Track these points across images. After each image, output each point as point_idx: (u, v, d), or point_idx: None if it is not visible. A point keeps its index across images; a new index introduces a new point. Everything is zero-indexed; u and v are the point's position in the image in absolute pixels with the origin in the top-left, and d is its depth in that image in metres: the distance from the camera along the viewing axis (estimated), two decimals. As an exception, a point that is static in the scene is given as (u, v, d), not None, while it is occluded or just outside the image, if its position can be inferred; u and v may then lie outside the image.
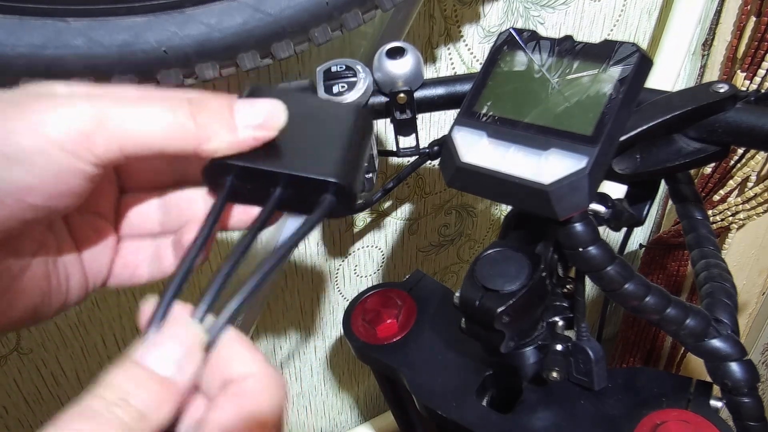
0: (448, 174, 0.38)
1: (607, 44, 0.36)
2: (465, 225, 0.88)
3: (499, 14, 0.71)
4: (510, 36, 0.39)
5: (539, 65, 0.38)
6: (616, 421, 0.45)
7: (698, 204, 0.49)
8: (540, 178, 0.34)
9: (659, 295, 0.37)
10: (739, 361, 0.38)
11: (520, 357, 0.45)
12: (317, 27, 0.45)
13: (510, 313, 0.39)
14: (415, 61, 0.46)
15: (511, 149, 0.36)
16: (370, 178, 0.51)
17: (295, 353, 0.87)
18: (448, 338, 0.55)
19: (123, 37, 0.41)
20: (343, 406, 1.00)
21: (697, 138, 0.39)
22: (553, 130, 0.35)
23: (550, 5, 0.74)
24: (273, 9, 0.43)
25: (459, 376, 0.51)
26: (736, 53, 0.85)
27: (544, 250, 0.41)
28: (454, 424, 0.48)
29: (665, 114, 0.37)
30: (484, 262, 0.41)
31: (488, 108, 0.37)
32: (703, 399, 0.44)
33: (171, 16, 0.41)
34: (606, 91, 0.35)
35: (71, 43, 0.40)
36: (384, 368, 0.56)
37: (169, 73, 0.43)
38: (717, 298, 0.42)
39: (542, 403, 0.47)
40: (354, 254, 0.81)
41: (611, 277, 0.36)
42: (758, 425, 0.40)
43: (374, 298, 0.60)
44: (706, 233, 0.47)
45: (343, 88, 0.47)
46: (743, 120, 0.37)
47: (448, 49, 0.70)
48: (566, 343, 0.45)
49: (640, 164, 0.40)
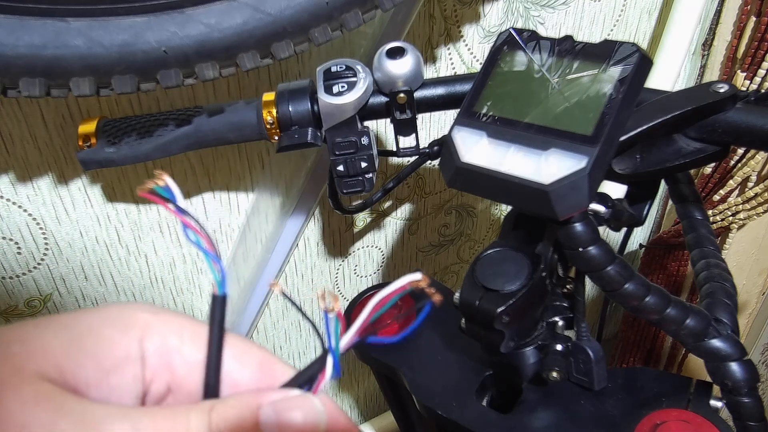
0: (448, 174, 0.38)
1: (607, 44, 0.36)
2: (465, 225, 0.88)
3: (499, 14, 0.71)
4: (510, 36, 0.39)
5: (539, 65, 0.38)
6: (616, 421, 0.45)
7: (698, 204, 0.49)
8: (540, 178, 0.34)
9: (659, 295, 0.37)
10: (739, 361, 0.38)
11: (520, 357, 0.45)
12: (317, 27, 0.45)
13: (510, 313, 0.39)
14: (415, 61, 0.46)
15: (511, 149, 0.36)
16: (370, 178, 0.51)
17: (295, 353, 0.87)
18: (448, 338, 0.55)
19: (123, 37, 0.41)
20: (343, 406, 1.00)
21: (697, 138, 0.39)
22: (553, 130, 0.35)
23: (550, 5, 0.74)
24: (273, 9, 0.43)
25: (459, 376, 0.51)
26: (736, 53, 0.85)
27: (544, 250, 0.41)
28: (453, 424, 0.48)
29: (665, 114, 0.37)
30: (484, 262, 0.41)
31: (488, 108, 0.37)
32: (703, 399, 0.44)
33: (171, 16, 0.41)
34: (606, 91, 0.35)
35: (71, 43, 0.40)
36: (384, 368, 0.56)
37: (169, 73, 0.43)
38: (717, 298, 0.42)
39: (542, 403, 0.47)
40: (354, 254, 0.81)
41: (611, 277, 0.36)
42: (758, 425, 0.40)
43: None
44: (706, 233, 0.47)
45: (343, 88, 0.47)
46: (743, 120, 0.37)
47: (448, 49, 0.70)
48: (566, 343, 0.45)
49: (640, 164, 0.40)
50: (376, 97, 0.48)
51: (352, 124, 0.48)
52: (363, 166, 0.49)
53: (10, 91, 0.41)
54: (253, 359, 0.24)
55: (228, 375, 0.24)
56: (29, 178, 0.55)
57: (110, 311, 0.23)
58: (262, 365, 0.24)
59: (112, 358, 0.22)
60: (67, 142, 0.55)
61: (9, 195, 0.55)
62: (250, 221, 0.68)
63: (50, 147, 0.54)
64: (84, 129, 0.50)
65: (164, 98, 0.57)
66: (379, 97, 0.48)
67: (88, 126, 0.50)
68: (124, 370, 0.22)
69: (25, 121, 0.52)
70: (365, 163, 0.49)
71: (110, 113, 0.55)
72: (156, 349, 0.23)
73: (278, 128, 0.48)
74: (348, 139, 0.48)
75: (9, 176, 0.54)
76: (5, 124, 0.52)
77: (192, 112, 0.50)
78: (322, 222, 0.74)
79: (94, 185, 0.58)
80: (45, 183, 0.56)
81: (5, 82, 0.41)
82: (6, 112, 0.52)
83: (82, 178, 0.57)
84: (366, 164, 0.49)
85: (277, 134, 0.49)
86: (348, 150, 0.49)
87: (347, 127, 0.48)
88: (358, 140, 0.48)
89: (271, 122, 0.48)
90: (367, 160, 0.49)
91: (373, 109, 0.48)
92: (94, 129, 0.50)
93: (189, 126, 0.49)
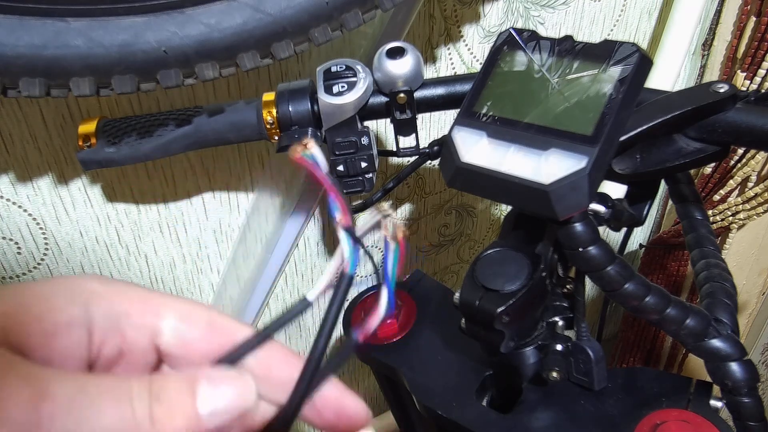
0: (448, 174, 0.38)
1: (607, 44, 0.36)
2: (465, 225, 0.88)
3: (499, 14, 0.71)
4: (510, 36, 0.39)
5: (539, 65, 0.38)
6: (616, 421, 0.45)
7: (698, 204, 0.49)
8: (540, 178, 0.34)
9: (659, 295, 0.37)
10: (739, 361, 0.38)
11: (520, 357, 0.45)
12: (317, 27, 0.45)
13: (510, 313, 0.39)
14: (415, 61, 0.46)
15: (511, 149, 0.36)
16: (370, 178, 0.51)
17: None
18: (448, 338, 0.55)
19: (123, 37, 0.41)
20: (343, 406, 1.00)
21: (697, 138, 0.39)
22: (553, 130, 0.35)
23: (550, 5, 0.74)
24: (273, 9, 0.43)
25: (459, 376, 0.51)
26: (736, 53, 0.85)
27: (544, 250, 0.41)
28: (453, 424, 0.48)
29: (665, 114, 0.37)
30: (484, 262, 0.41)
31: (488, 108, 0.37)
32: (703, 399, 0.44)
33: (171, 16, 0.41)
34: (606, 91, 0.35)
35: (71, 43, 0.40)
36: (384, 368, 0.56)
37: (169, 73, 0.43)
38: (717, 298, 0.42)
39: (542, 403, 0.47)
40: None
41: (611, 277, 0.36)
42: (758, 425, 0.40)
43: (374, 298, 0.60)
44: (706, 233, 0.47)
45: (343, 88, 0.47)
46: (743, 120, 0.37)
47: (448, 49, 0.70)
48: (566, 343, 0.45)
49: (640, 164, 0.40)
50: (376, 97, 0.48)
51: (352, 124, 0.48)
52: (363, 166, 0.49)
53: (10, 91, 0.41)
54: (202, 318, 0.26)
55: (178, 336, 0.25)
56: (29, 178, 0.55)
57: (59, 281, 0.24)
58: (211, 323, 0.26)
59: (56, 322, 0.23)
60: (67, 142, 0.55)
61: (9, 195, 0.55)
62: (250, 221, 0.68)
63: (50, 147, 0.54)
64: (84, 129, 0.50)
65: (164, 98, 0.57)
66: (379, 97, 0.48)
67: (88, 126, 0.50)
68: (69, 334, 0.23)
69: (25, 121, 0.52)
70: (365, 163, 0.49)
71: (110, 113, 0.55)
72: (104, 314, 0.24)
73: (278, 128, 0.48)
74: (348, 139, 0.48)
75: (9, 176, 0.54)
76: (5, 124, 0.52)
77: (192, 112, 0.50)
78: (322, 222, 0.74)
79: (94, 185, 0.58)
80: (45, 183, 0.56)
81: (5, 82, 0.41)
82: (6, 112, 0.52)
83: (82, 178, 0.57)
84: (366, 164, 0.49)
85: (277, 134, 0.49)
86: (348, 150, 0.49)
87: (347, 127, 0.48)
88: (358, 140, 0.48)
89: (271, 122, 0.48)
90: (367, 160, 0.49)
91: (373, 109, 0.48)
92: (94, 129, 0.50)
93: (189, 126, 0.49)
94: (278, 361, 0.26)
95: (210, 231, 0.67)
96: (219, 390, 0.23)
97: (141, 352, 0.25)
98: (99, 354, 0.25)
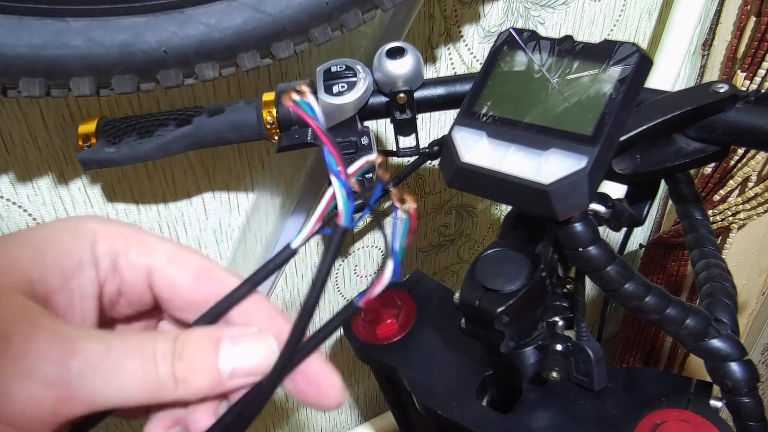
0: (448, 174, 0.38)
1: (607, 44, 0.36)
2: (465, 225, 0.88)
3: (499, 14, 0.71)
4: (510, 36, 0.39)
5: (539, 65, 0.38)
6: (616, 421, 0.45)
7: (698, 204, 0.49)
8: (540, 178, 0.34)
9: (659, 295, 0.37)
10: (739, 361, 0.38)
11: (520, 357, 0.45)
12: (317, 27, 0.45)
13: (510, 313, 0.39)
14: (415, 61, 0.46)
15: (511, 149, 0.36)
16: (370, 178, 0.51)
17: (295, 353, 0.87)
18: (448, 338, 0.55)
19: (123, 37, 0.41)
20: (343, 406, 1.00)
21: (697, 138, 0.39)
22: (553, 130, 0.35)
23: (550, 5, 0.74)
24: (273, 9, 0.43)
25: (459, 376, 0.51)
26: (736, 53, 0.85)
27: (544, 250, 0.41)
28: (453, 424, 0.48)
29: (665, 114, 0.37)
30: (484, 262, 0.41)
31: (488, 108, 0.37)
32: (703, 399, 0.44)
33: (171, 16, 0.41)
34: (606, 91, 0.35)
35: (71, 43, 0.40)
36: (384, 368, 0.56)
37: (169, 73, 0.43)
38: (717, 298, 0.42)
39: (542, 403, 0.47)
40: (354, 254, 0.81)
41: (611, 277, 0.36)
42: (758, 425, 0.40)
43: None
44: (706, 233, 0.47)
45: (343, 88, 0.47)
46: (743, 120, 0.37)
47: (448, 49, 0.70)
48: (566, 343, 0.45)
49: (640, 164, 0.40)
50: (376, 97, 0.48)
51: (352, 124, 0.48)
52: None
53: (10, 91, 0.41)
54: (192, 264, 0.26)
55: (168, 279, 0.25)
56: (29, 178, 0.55)
57: (63, 222, 0.25)
58: (200, 270, 0.26)
59: (70, 263, 0.24)
60: (67, 142, 0.55)
61: (9, 195, 0.55)
62: (250, 221, 0.68)
63: (50, 147, 0.54)
64: (84, 129, 0.50)
65: (164, 98, 0.57)
66: (379, 97, 0.48)
67: (88, 126, 0.50)
68: (82, 273, 0.24)
69: (25, 121, 0.52)
70: (365, 163, 0.49)
71: (110, 113, 0.55)
72: (105, 253, 0.25)
73: (278, 128, 0.48)
74: (348, 139, 0.48)
75: (9, 176, 0.54)
76: (5, 124, 0.52)
77: (192, 112, 0.50)
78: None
79: (94, 185, 0.58)
80: (45, 183, 0.56)
81: (5, 82, 0.41)
82: (6, 112, 0.52)
83: (82, 178, 0.57)
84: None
85: (277, 134, 0.49)
86: (348, 150, 0.49)
87: (347, 127, 0.48)
88: (358, 140, 0.48)
89: (271, 122, 0.48)
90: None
91: (373, 109, 0.48)
92: (94, 129, 0.50)
93: (189, 126, 0.49)
94: (262, 315, 0.26)
95: (210, 231, 0.67)
96: (241, 350, 0.23)
97: (138, 293, 0.26)
98: (102, 291, 0.25)
